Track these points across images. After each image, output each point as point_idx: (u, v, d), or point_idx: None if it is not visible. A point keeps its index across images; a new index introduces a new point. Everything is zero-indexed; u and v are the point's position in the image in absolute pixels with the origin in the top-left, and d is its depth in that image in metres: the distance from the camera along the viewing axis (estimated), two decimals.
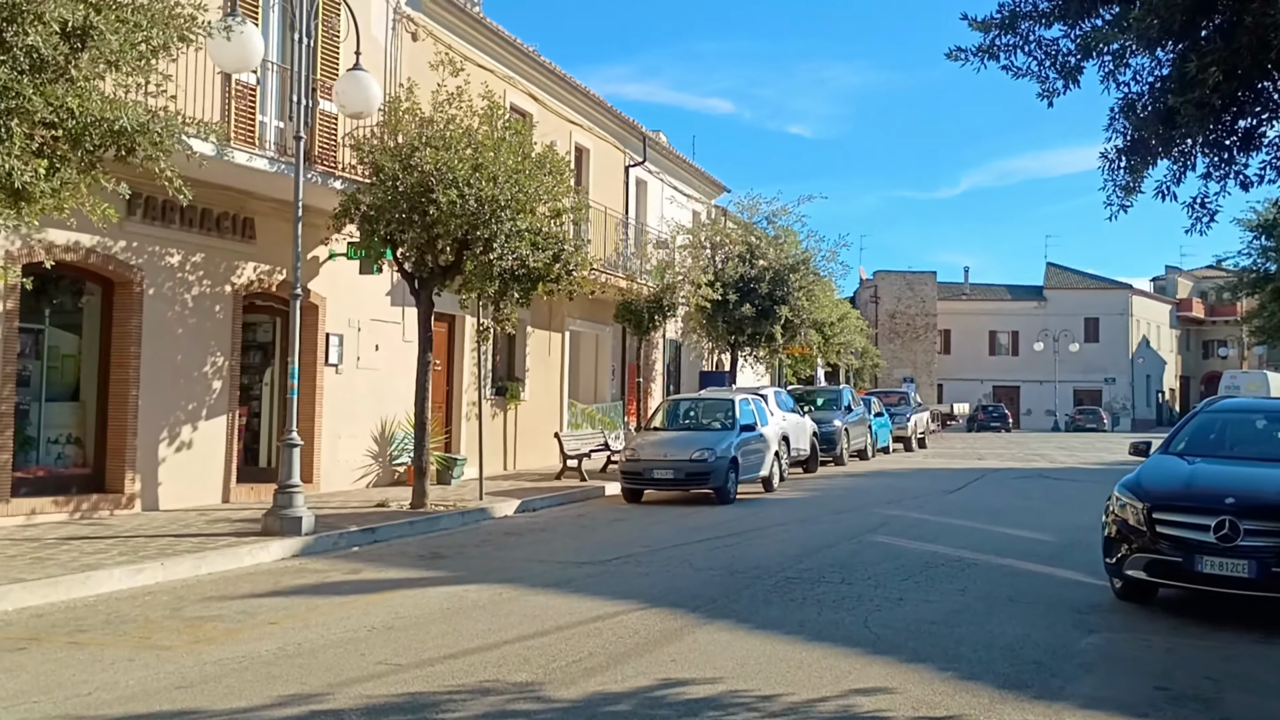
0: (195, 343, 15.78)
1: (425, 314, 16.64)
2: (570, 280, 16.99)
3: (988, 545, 13.69)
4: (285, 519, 13.18)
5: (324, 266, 18.07)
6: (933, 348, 77.76)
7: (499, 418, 23.36)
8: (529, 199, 15.69)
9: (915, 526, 15.67)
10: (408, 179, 15.22)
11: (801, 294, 29.20)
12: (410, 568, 11.87)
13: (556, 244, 16.44)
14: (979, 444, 46.62)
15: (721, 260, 29.41)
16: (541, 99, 24.87)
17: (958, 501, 19.66)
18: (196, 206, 15.55)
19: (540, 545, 13.76)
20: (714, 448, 18.58)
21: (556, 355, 26.00)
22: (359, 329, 18.93)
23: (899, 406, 39.91)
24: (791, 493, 21.01)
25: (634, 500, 19.09)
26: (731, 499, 18.70)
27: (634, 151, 30.01)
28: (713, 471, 18.38)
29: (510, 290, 16.42)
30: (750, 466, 19.83)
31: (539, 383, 25.08)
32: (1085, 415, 71.45)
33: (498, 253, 15.51)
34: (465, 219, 15.14)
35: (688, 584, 10.78)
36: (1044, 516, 17.28)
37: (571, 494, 19.64)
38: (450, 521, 15.74)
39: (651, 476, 18.63)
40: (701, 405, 21.50)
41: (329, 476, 18.22)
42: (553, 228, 16.47)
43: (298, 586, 10.70)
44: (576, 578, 11.10)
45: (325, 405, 18.15)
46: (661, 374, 32.59)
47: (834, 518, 16.69)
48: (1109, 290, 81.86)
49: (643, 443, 19.34)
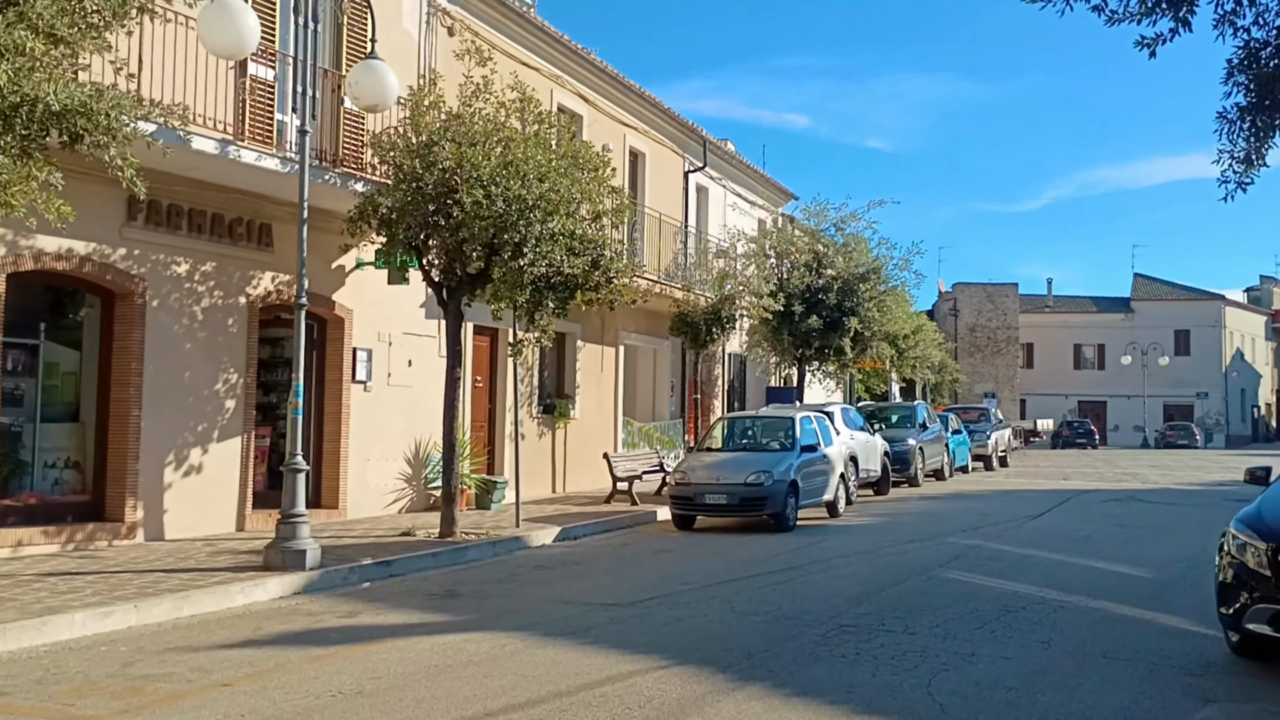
0: (205, 358, 14.62)
1: (454, 326, 15.36)
2: (611, 289, 15.60)
3: (1076, 583, 12.04)
4: (287, 553, 11.92)
5: (351, 276, 16.87)
6: (1015, 362, 75.30)
7: (546, 437, 22.03)
8: (562, 199, 14.34)
9: (993, 560, 14.02)
10: (429, 178, 13.96)
11: (872, 305, 27.49)
12: (415, 610, 10.52)
13: (595, 249, 15.06)
14: (1064, 462, 44.43)
15: (787, 270, 27.84)
16: (593, 100, 23.57)
17: (1042, 529, 17.93)
18: (206, 212, 14.45)
19: (570, 581, 12.36)
20: (771, 470, 17.03)
21: (610, 371, 24.64)
22: (390, 343, 17.70)
23: (979, 423, 37.97)
24: (858, 518, 19.40)
25: (685, 527, 17.62)
26: (791, 526, 17.14)
27: (694, 157, 28.59)
28: (769, 496, 16.84)
29: (545, 299, 15.06)
30: (812, 490, 18.27)
31: (591, 400, 23.72)
32: (1177, 431, 68.64)
33: (529, 258, 14.18)
34: (492, 221, 13.83)
35: (724, 632, 9.31)
36: (1140, 547, 15.53)
37: (619, 520, 18.23)
38: (479, 552, 14.41)
39: (703, 502, 17.13)
40: (759, 424, 19.98)
41: (357, 502, 16.99)
42: (591, 231, 15.10)
43: (278, 634, 9.39)
44: (598, 624, 9.68)
45: (352, 425, 16.92)
46: (724, 390, 31.08)
47: (902, 548, 15.08)
48: (1200, 301, 78.74)
49: (694, 465, 17.86)
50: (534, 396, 21.59)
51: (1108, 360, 77.58)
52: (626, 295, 15.99)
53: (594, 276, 15.25)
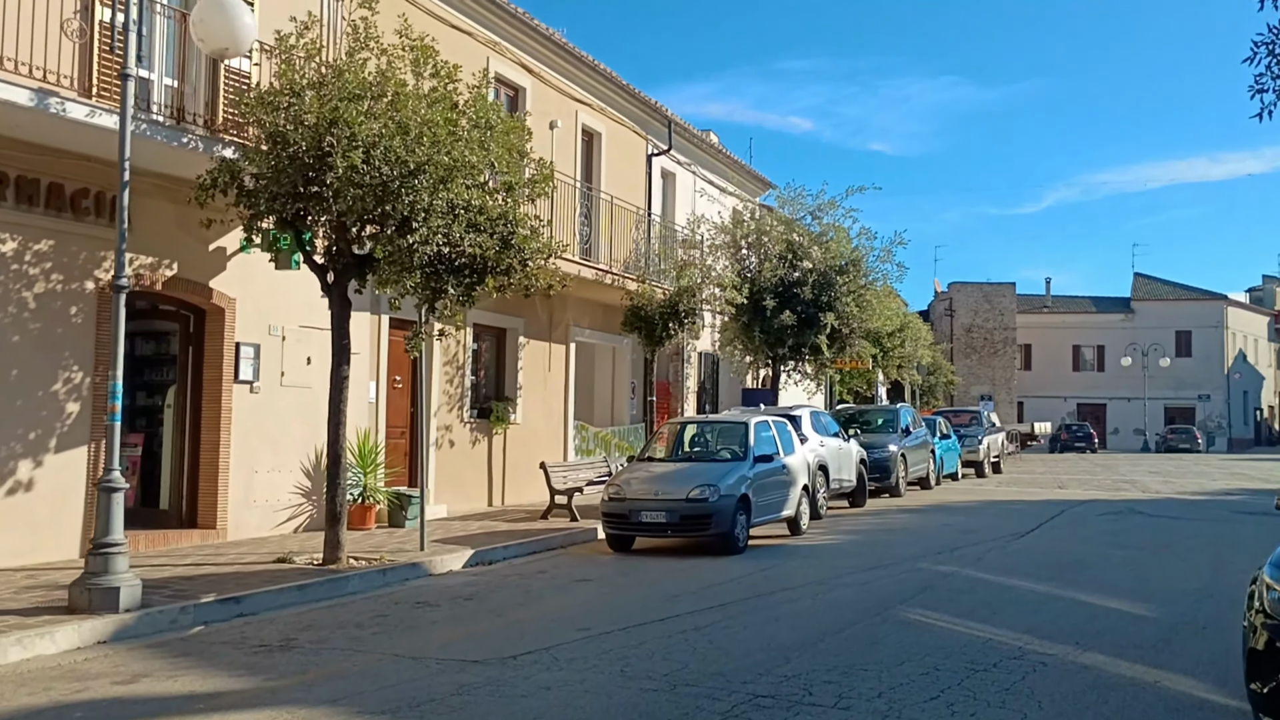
0: (39, 354, 12.37)
1: (341, 315, 13.15)
2: (526, 273, 13.38)
3: (1064, 626, 9.84)
4: (95, 591, 9.70)
5: (235, 260, 14.64)
6: (1012, 363, 73.11)
7: (481, 444, 19.82)
8: (460, 165, 12.12)
9: (967, 592, 11.81)
10: (297, 138, 11.75)
11: (850, 299, 25.23)
12: (222, 670, 8.28)
13: (505, 225, 12.84)
14: (1061, 468, 42.24)
15: (758, 261, 25.61)
16: (538, 71, 21.35)
17: (1029, 549, 15.71)
18: (39, 180, 12.24)
19: (445, 626, 10.14)
20: (718, 483, 14.79)
21: (560, 370, 22.41)
22: (284, 337, 15.47)
23: (970, 427, 35.79)
24: (823, 536, 17.17)
25: (621, 549, 15.39)
26: (741, 547, 14.91)
27: (658, 139, 26.35)
28: (715, 514, 14.60)
29: (445, 284, 12.84)
30: (769, 505, 16.05)
31: (536, 403, 21.50)
32: (1178, 435, 66.35)
33: (419, 234, 11.97)
34: (370, 190, 11.62)
35: (598, 710, 7.09)
36: (1141, 572, 13.32)
37: (551, 539, 16.02)
38: (362, 583, 12.22)
39: (639, 521, 14.87)
40: (711, 430, 17.75)
41: (241, 521, 14.76)
42: (500, 205, 12.88)
43: (8, 712, 7.16)
44: (438, 695, 7.43)
45: (235, 432, 14.70)
46: (695, 392, 28.85)
47: (863, 577, 12.86)
48: (1202, 301, 76.42)
49: (631, 477, 15.60)
50: (466, 399, 19.37)
51: (1107, 362, 75.32)
52: (544, 280, 13.72)
53: (505, 258, 13.04)
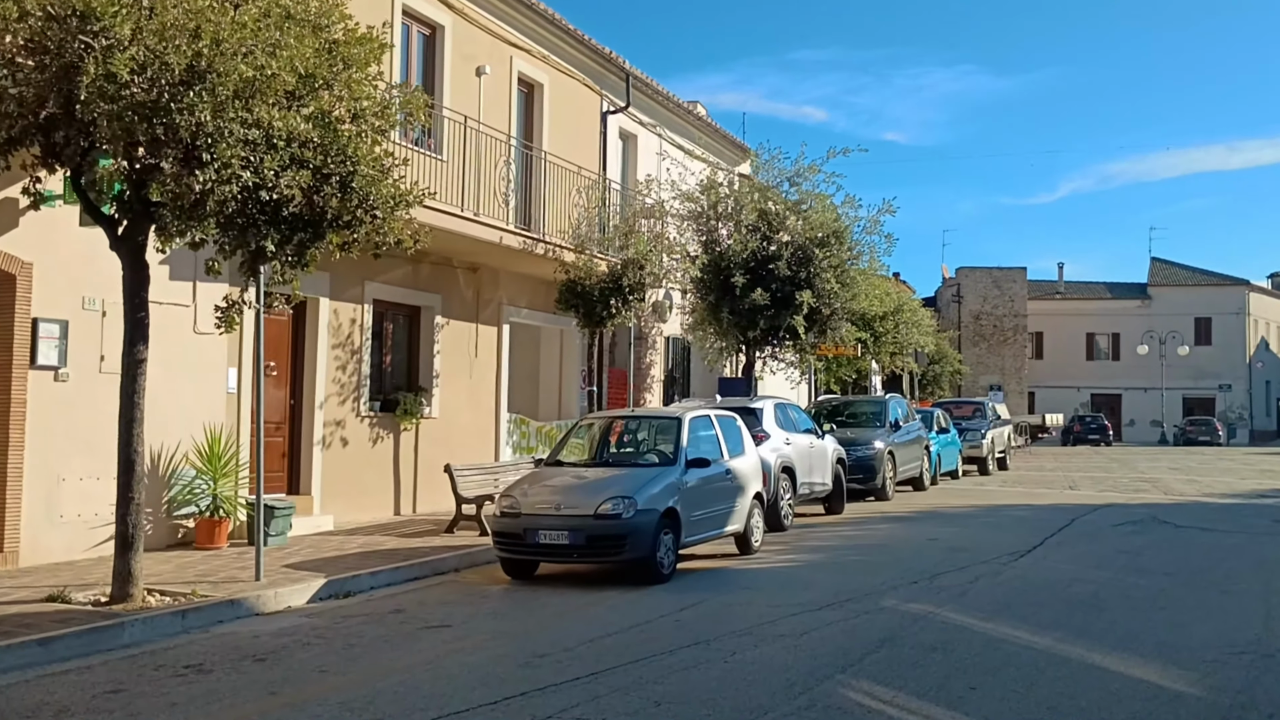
0: None
1: (135, 279, 10.20)
2: (373, 225, 10.34)
3: (1070, 713, 6.81)
4: None
5: (28, 218, 11.65)
6: (1023, 352, 69.84)
7: (385, 442, 16.83)
8: (264, 79, 9.10)
9: (940, 650, 8.73)
10: (25, 32, 8.75)
11: (831, 275, 22.10)
12: None
13: (340, 163, 9.80)
14: (1074, 463, 39.10)
15: (729, 232, 22.53)
16: (460, 8, 18.28)
17: (1028, 577, 12.62)
18: None
19: (183, 710, 7.13)
20: (634, 495, 11.68)
21: (490, 356, 19.38)
22: (104, 313, 12.50)
23: (973, 420, 32.65)
24: (779, 556, 14.12)
25: (520, 576, 12.32)
26: (664, 575, 11.82)
27: (614, 95, 23.27)
28: (629, 534, 11.50)
29: (263, 238, 9.81)
30: (707, 521, 12.98)
31: (459, 393, 18.48)
32: (1197, 426, 63.13)
33: (213, 170, 8.95)
34: (128, 105, 8.62)
35: None
36: (1174, 615, 10.25)
37: (441, 561, 13.05)
38: (145, 631, 9.30)
39: (536, 541, 11.71)
40: (639, 428, 14.68)
41: (41, 542, 11.83)
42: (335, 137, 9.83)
43: None
44: None
45: (32, 429, 11.76)
46: (662, 381, 25.78)
47: (808, 621, 9.79)
48: (1222, 286, 73.00)
49: (530, 487, 12.48)
50: (364, 389, 16.38)
51: (1123, 350, 71.97)
52: (396, 233, 10.61)
53: (346, 206, 10.00)
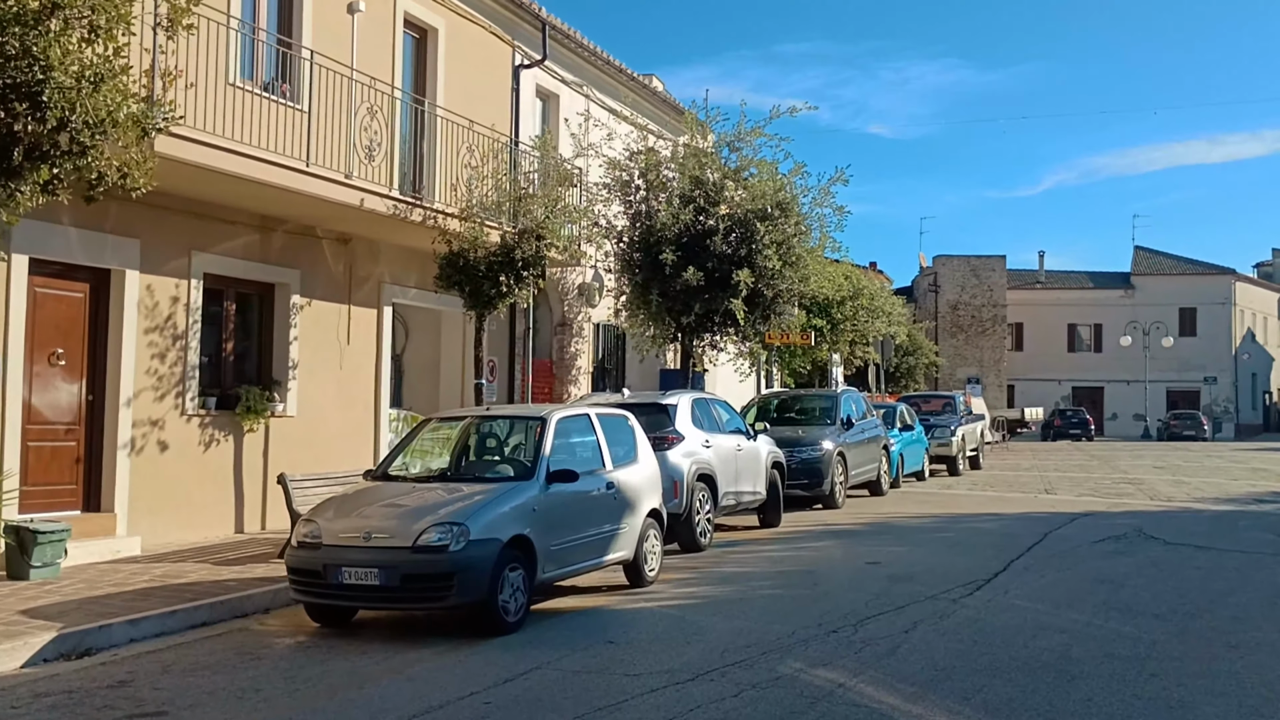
0: None
1: None
2: (89, 160, 7.56)
3: None
4: None
5: None
6: (1002, 343, 67.48)
7: (222, 446, 14.05)
8: None
9: None
10: None
11: (773, 251, 19.38)
12: None
13: (28, 69, 7.02)
14: (1052, 461, 36.57)
15: (659, 204, 19.81)
16: None
17: (980, 623, 9.88)
18: None
19: None
20: (465, 521, 8.95)
21: (367, 343, 16.59)
22: None
23: (942, 416, 30.03)
24: (676, 590, 11.38)
25: (332, 623, 9.58)
26: (511, 623, 9.06)
27: (529, 47, 20.48)
28: (459, 571, 8.71)
29: None
30: (580, 548, 10.24)
31: (325, 387, 15.70)
32: (1181, 421, 60.91)
33: None
34: None
35: None
36: (1171, 688, 7.51)
37: (246, 600, 10.31)
38: None
39: (338, 581, 8.95)
40: (494, 431, 11.93)
41: None
42: (22, 30, 7.06)
43: None
44: None
45: None
46: (590, 373, 23.04)
47: (668, 702, 7.06)
48: (1208, 276, 70.68)
49: (338, 509, 9.73)
50: (190, 382, 13.60)
51: (1105, 341, 69.68)
52: (131, 174, 7.87)
53: (56, 136, 7.23)
